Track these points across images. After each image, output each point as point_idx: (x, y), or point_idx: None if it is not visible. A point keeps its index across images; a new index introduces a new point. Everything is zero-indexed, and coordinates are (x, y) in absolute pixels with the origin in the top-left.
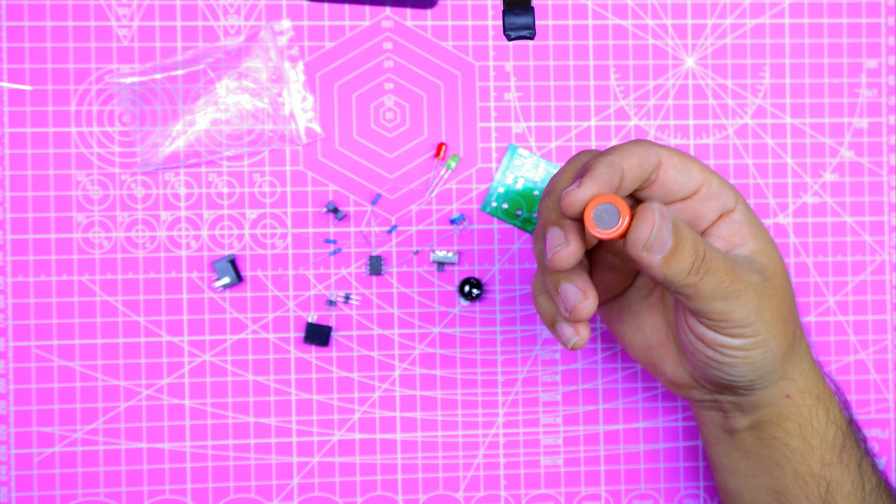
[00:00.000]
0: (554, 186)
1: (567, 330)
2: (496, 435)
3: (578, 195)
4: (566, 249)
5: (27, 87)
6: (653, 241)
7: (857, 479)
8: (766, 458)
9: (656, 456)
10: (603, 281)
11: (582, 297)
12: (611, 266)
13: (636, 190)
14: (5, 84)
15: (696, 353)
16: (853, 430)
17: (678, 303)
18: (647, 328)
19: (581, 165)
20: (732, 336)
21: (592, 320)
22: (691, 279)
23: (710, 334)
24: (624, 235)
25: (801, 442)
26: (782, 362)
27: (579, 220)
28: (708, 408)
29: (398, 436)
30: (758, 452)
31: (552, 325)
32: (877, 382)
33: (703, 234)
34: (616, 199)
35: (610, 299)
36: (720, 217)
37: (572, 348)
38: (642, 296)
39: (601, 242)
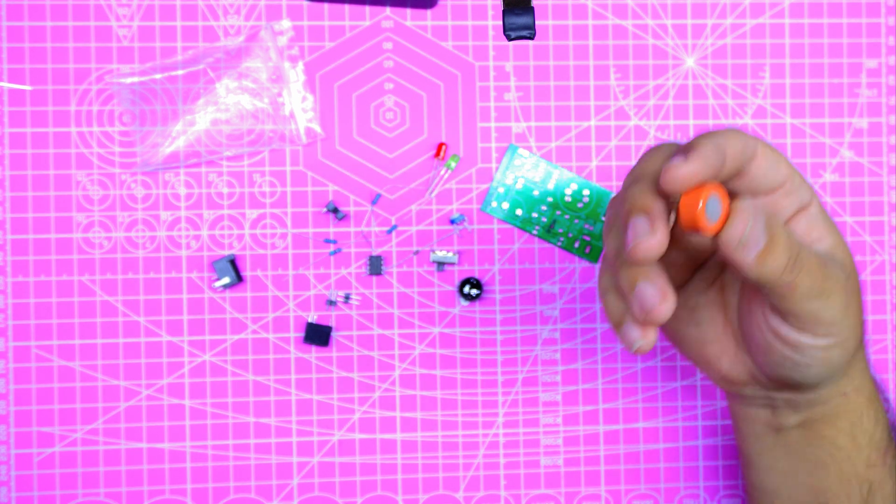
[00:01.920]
0: (640, 173)
1: (634, 332)
2: (496, 435)
3: (685, 170)
4: (653, 239)
5: (27, 87)
6: (747, 238)
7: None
8: (811, 456)
9: (656, 456)
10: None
11: (661, 298)
12: (671, 262)
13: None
14: (5, 84)
15: (770, 353)
16: (893, 431)
17: (754, 301)
18: (704, 323)
19: (666, 152)
20: (818, 335)
21: (591, 319)
22: (786, 277)
23: (793, 335)
24: (721, 229)
25: (850, 441)
26: (852, 361)
27: (667, 208)
28: (755, 405)
29: (398, 436)
30: (803, 451)
31: (618, 326)
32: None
33: None
34: (723, 190)
35: None
36: (798, 212)
37: (636, 352)
38: (700, 290)
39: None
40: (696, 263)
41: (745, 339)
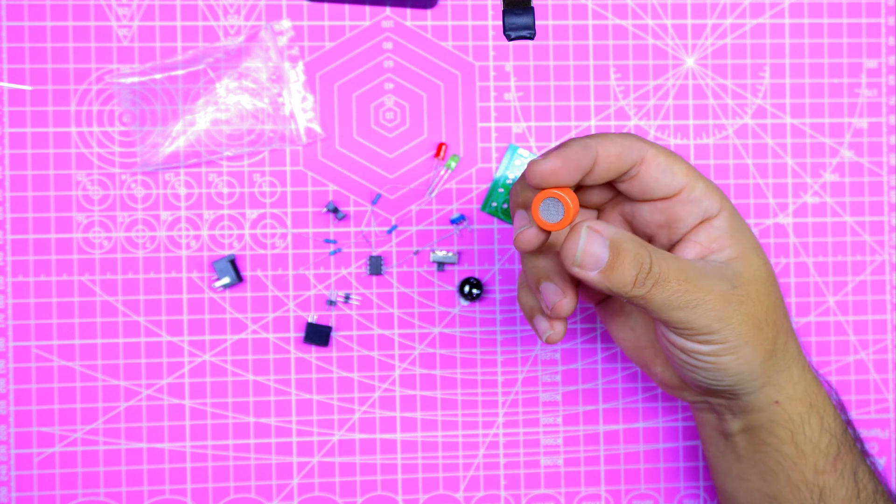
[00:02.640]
0: (525, 171)
1: (543, 323)
2: (496, 435)
3: (541, 166)
4: (529, 231)
5: (27, 87)
6: (581, 257)
7: (852, 487)
8: (759, 462)
9: (656, 456)
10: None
11: (561, 295)
12: None
13: (616, 181)
14: (5, 84)
15: (672, 357)
16: (850, 436)
17: None
18: (638, 329)
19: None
20: (699, 342)
21: (591, 319)
22: (637, 291)
23: (678, 340)
24: (564, 227)
25: (794, 449)
26: (762, 369)
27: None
28: (702, 409)
29: (398, 436)
30: (751, 457)
31: (531, 319)
32: (877, 382)
33: (681, 238)
34: (563, 195)
35: (604, 299)
36: (701, 223)
37: (547, 341)
38: None
39: None
40: None
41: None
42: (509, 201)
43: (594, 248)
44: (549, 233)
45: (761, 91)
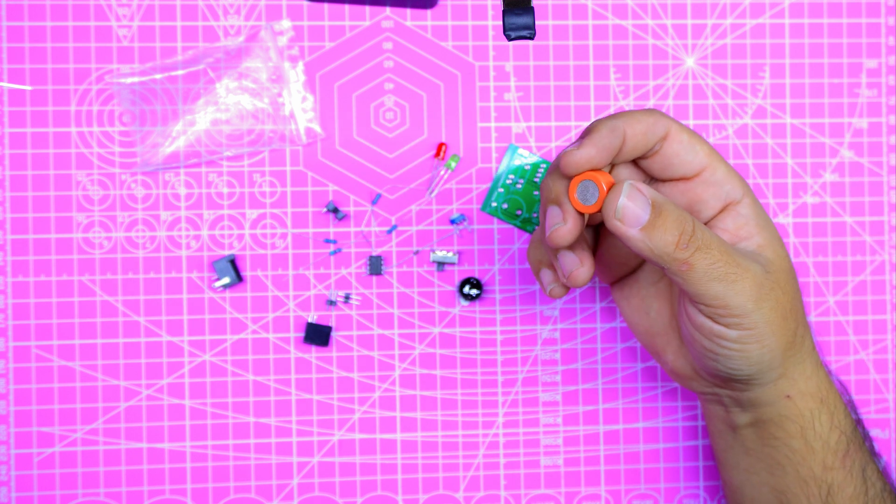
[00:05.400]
0: (557, 163)
1: (548, 276)
2: (496, 435)
3: (576, 156)
4: (563, 228)
5: (27, 87)
6: (622, 210)
7: (861, 484)
8: (767, 456)
9: (656, 456)
10: (613, 258)
11: (578, 264)
12: (619, 247)
13: (638, 159)
14: (5, 84)
15: (694, 343)
16: (859, 434)
17: (680, 291)
18: (652, 313)
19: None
20: (729, 326)
21: (591, 319)
22: (679, 254)
23: (707, 323)
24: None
25: (803, 444)
26: (781, 360)
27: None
28: (711, 401)
29: (398, 436)
30: (759, 451)
31: (537, 272)
32: (877, 382)
33: (708, 224)
34: (597, 175)
35: (620, 279)
36: (725, 208)
37: (549, 295)
38: (652, 280)
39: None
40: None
41: (680, 331)
42: (541, 197)
43: (636, 203)
44: (583, 224)
45: (761, 91)
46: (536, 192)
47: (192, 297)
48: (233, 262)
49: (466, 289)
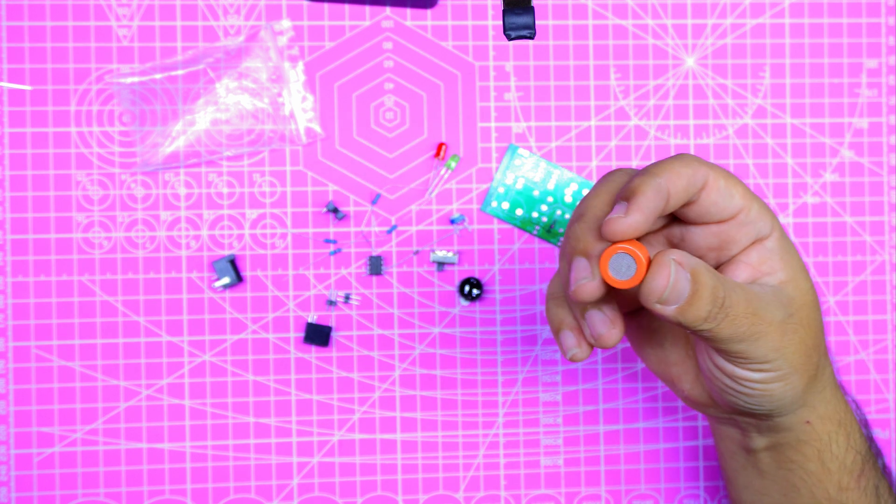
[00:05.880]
0: (584, 210)
1: (570, 340)
2: (496, 435)
3: (623, 225)
4: (591, 284)
5: (27, 87)
6: (668, 294)
7: (874, 502)
8: (782, 479)
9: (656, 456)
10: (624, 294)
11: (609, 325)
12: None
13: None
14: (5, 84)
15: (714, 381)
16: (872, 453)
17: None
18: (666, 345)
19: (614, 187)
20: (752, 370)
21: None
22: (708, 325)
23: (729, 367)
24: (639, 283)
25: (820, 467)
26: (804, 393)
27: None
28: (725, 423)
29: (398, 436)
30: (774, 473)
31: (557, 332)
32: (877, 382)
33: (732, 259)
34: (634, 249)
35: (630, 312)
36: (753, 243)
37: (571, 359)
38: None
39: None
40: None
41: (698, 364)
42: (565, 243)
43: (681, 284)
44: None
45: (761, 91)
46: (536, 193)
47: (192, 297)
48: (233, 262)
49: (466, 289)
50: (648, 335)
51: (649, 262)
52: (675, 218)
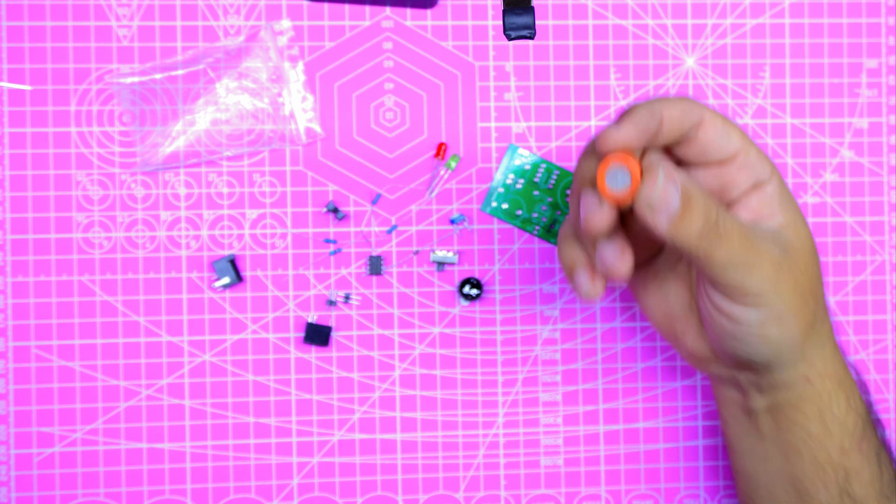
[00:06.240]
0: (591, 146)
1: (584, 279)
2: (496, 435)
3: (614, 134)
4: (600, 213)
5: (27, 87)
6: (656, 199)
7: (876, 469)
8: (784, 442)
9: (656, 456)
10: (633, 244)
11: (620, 255)
12: (639, 232)
13: (673, 145)
14: (5, 84)
15: (714, 325)
16: (872, 419)
17: (699, 272)
18: (671, 297)
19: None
20: (747, 306)
21: (591, 319)
22: (702, 243)
23: (726, 305)
24: (633, 195)
25: (821, 428)
26: (801, 342)
27: None
28: (727, 385)
29: (398, 436)
30: (776, 436)
31: (571, 273)
32: (877, 382)
33: (732, 203)
34: (629, 159)
35: (637, 265)
36: (752, 188)
37: (587, 296)
38: (669, 265)
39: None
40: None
41: (699, 312)
42: (573, 181)
43: (669, 193)
44: (618, 207)
45: (761, 91)
46: (536, 193)
47: (192, 297)
48: (233, 262)
49: (466, 289)
50: (653, 288)
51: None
52: (678, 162)
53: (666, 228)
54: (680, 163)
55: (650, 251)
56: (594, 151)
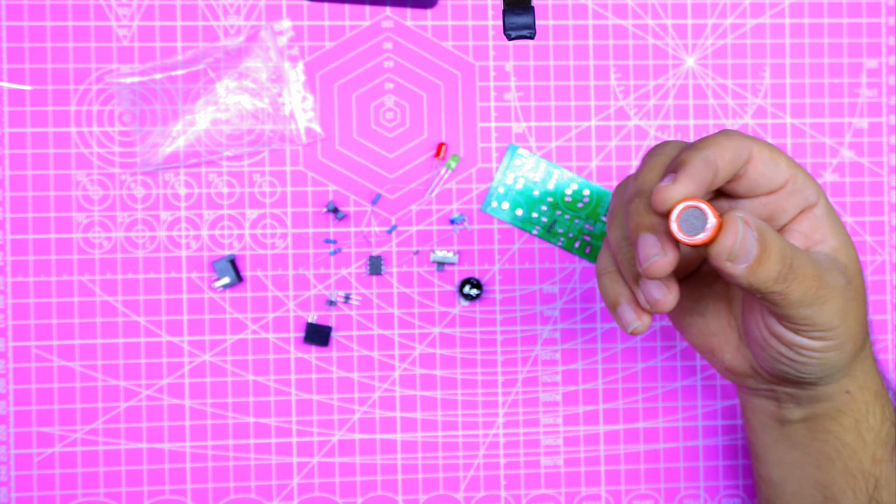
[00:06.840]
0: (642, 186)
1: (630, 314)
2: (496, 435)
3: (673, 193)
4: (664, 259)
5: (27, 87)
6: (737, 252)
7: None
8: (816, 451)
9: (656, 456)
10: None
11: (665, 291)
12: (684, 252)
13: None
14: (5, 84)
15: (767, 349)
16: None
17: (754, 300)
18: (708, 315)
19: (666, 160)
20: (813, 339)
21: (591, 319)
22: (778, 287)
23: (788, 335)
24: (710, 242)
25: (856, 437)
26: (852, 361)
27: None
28: (761, 396)
29: (398, 436)
30: (808, 445)
31: (614, 307)
32: None
33: (783, 229)
34: (704, 203)
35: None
36: (801, 212)
37: (631, 333)
38: (707, 282)
39: None
40: (704, 255)
41: (745, 333)
42: (614, 199)
43: (748, 242)
44: (679, 250)
45: (761, 91)
46: (537, 192)
47: (192, 297)
48: (233, 262)
49: (466, 289)
50: (690, 305)
51: (720, 221)
52: (720, 194)
53: (742, 276)
54: (725, 195)
55: (685, 270)
56: (645, 192)
